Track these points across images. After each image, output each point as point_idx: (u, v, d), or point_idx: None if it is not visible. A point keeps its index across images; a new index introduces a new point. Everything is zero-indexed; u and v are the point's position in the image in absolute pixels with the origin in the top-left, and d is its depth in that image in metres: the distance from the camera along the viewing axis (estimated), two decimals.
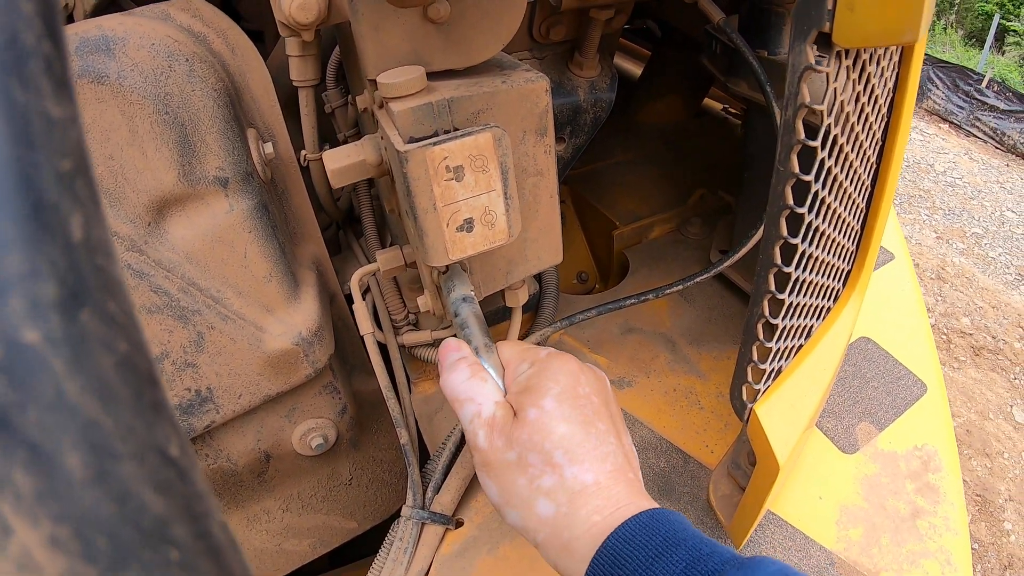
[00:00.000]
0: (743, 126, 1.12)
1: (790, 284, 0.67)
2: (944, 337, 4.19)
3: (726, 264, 0.94)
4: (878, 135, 0.73)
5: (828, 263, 0.77)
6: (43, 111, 0.14)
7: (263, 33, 1.84)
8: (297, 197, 0.93)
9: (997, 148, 7.45)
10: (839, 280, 0.86)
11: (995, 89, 7.87)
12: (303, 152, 0.93)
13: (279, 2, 0.70)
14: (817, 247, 0.70)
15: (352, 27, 0.72)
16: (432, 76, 0.71)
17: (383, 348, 0.96)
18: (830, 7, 0.50)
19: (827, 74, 0.54)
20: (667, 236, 1.37)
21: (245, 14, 1.82)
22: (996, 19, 9.56)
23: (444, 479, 0.88)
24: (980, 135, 7.59)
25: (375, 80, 0.73)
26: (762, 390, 0.77)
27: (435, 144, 0.61)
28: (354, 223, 1.20)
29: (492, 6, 0.69)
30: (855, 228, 0.83)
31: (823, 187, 0.63)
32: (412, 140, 0.63)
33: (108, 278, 0.15)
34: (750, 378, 0.75)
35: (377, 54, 0.71)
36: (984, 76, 8.01)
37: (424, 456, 0.93)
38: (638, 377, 1.07)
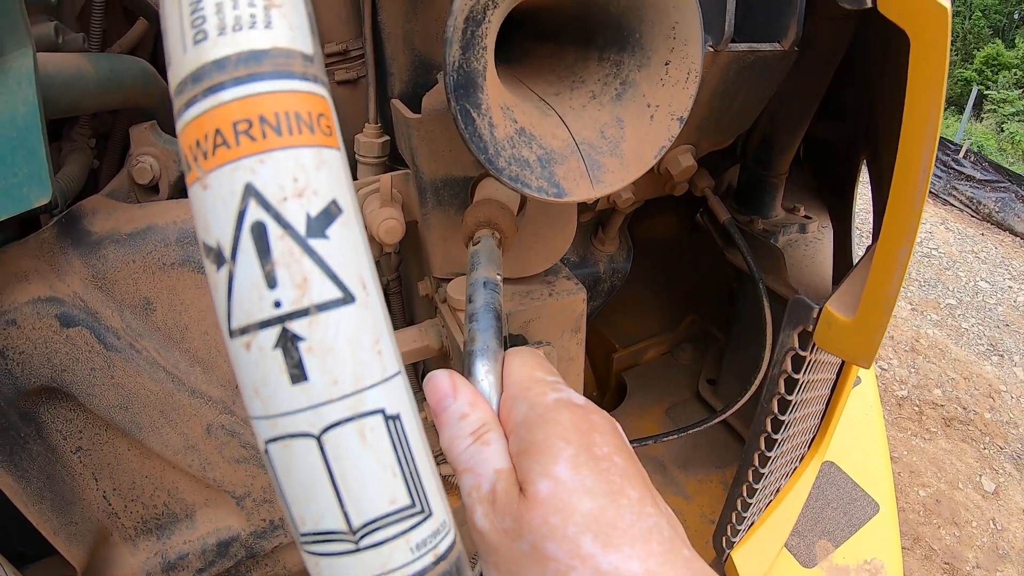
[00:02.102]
0: (735, 286, 1.31)
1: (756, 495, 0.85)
2: (916, 409, 4.36)
3: (719, 419, 1.11)
4: (831, 379, 0.93)
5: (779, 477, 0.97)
6: None
7: None
8: None
9: (973, 217, 7.72)
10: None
11: (972, 159, 8.19)
12: None
13: (368, 223, 0.87)
14: (776, 468, 0.89)
15: (421, 232, 0.89)
16: None
17: None
18: (815, 316, 0.68)
19: (806, 357, 0.72)
20: (660, 359, 1.55)
21: None
22: (975, 91, 9.93)
23: None
24: (956, 204, 7.88)
25: (438, 278, 0.90)
26: (738, 540, 0.94)
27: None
28: None
29: (547, 231, 0.85)
30: (807, 440, 1.03)
31: (790, 415, 0.81)
32: None
33: None
34: (728, 533, 0.93)
35: (443, 259, 0.88)
36: (961, 147, 8.34)
37: None
38: None
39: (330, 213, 0.28)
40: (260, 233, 0.27)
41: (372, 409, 0.29)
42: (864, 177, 1.37)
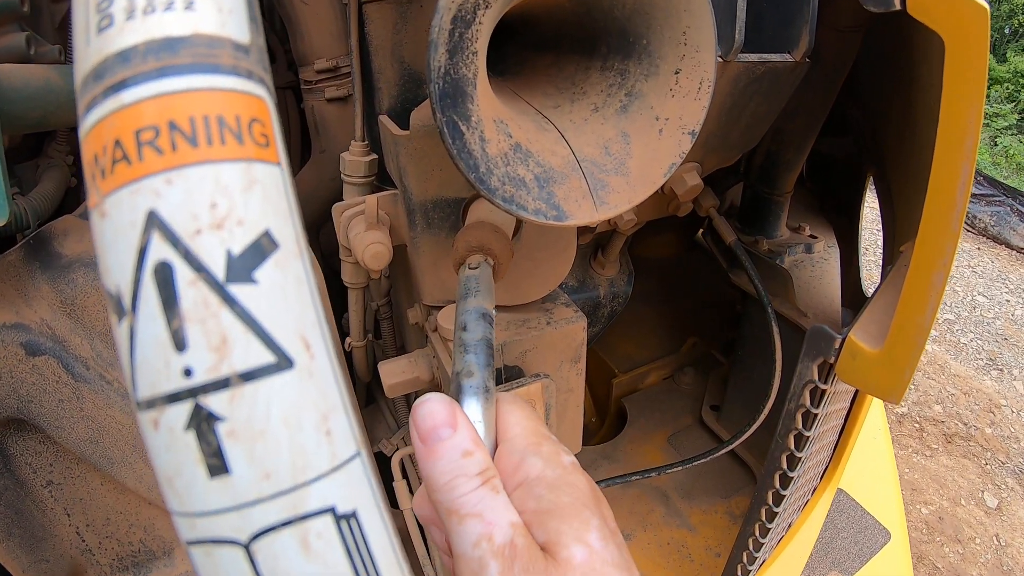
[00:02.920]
0: (740, 309, 1.26)
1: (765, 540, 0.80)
2: (917, 426, 4.32)
3: (726, 450, 1.06)
4: (845, 407, 0.88)
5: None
6: None
7: None
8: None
9: (968, 231, 7.70)
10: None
11: None
12: (348, 340, 1.04)
13: (353, 247, 0.82)
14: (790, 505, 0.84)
15: (410, 256, 0.84)
16: None
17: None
18: (837, 347, 0.62)
19: (827, 390, 0.66)
20: (661, 384, 1.49)
21: None
22: None
23: None
24: None
25: (429, 305, 0.85)
26: None
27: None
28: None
29: (543, 257, 0.80)
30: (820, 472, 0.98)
31: (807, 451, 0.76)
32: None
33: None
34: (739, 574, 0.87)
35: (434, 285, 0.83)
36: None
37: None
38: (636, 531, 1.18)
39: (261, 249, 0.22)
40: (165, 277, 0.21)
41: (318, 509, 0.23)
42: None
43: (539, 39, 0.66)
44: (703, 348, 1.56)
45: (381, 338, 1.23)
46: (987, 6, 0.48)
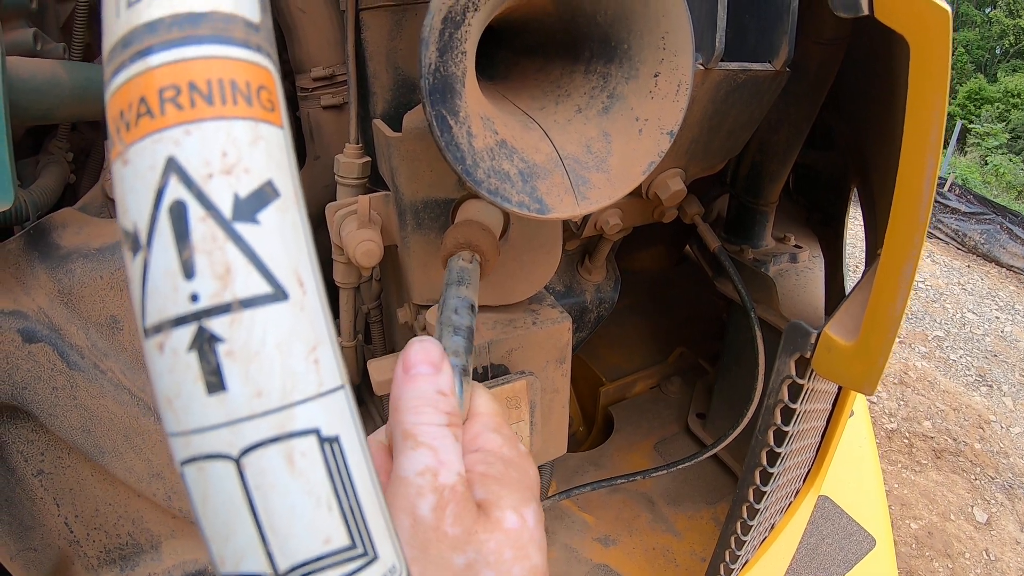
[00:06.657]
0: (725, 317, 1.28)
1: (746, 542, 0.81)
2: (906, 441, 4.33)
3: (710, 453, 1.07)
4: (827, 409, 0.90)
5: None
6: None
7: None
8: None
9: (959, 249, 7.78)
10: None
11: (956, 192, 8.28)
12: (338, 340, 1.06)
13: (345, 245, 0.83)
14: (771, 504, 0.86)
15: (400, 256, 0.86)
16: None
17: None
18: (813, 341, 0.64)
19: (804, 385, 0.68)
20: (648, 393, 1.51)
21: None
22: (959, 125, 10.08)
23: None
24: (942, 237, 7.94)
25: (418, 304, 0.86)
26: None
27: None
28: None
29: (530, 257, 0.82)
30: (802, 474, 0.99)
31: (787, 448, 0.78)
32: None
33: None
34: (722, 573, 0.88)
35: (423, 285, 0.84)
36: (946, 180, 8.43)
37: None
38: (622, 536, 1.19)
39: (264, 195, 0.25)
40: (179, 214, 0.23)
41: (303, 429, 0.25)
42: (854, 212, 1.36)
43: (528, 45, 0.69)
44: (690, 358, 1.58)
45: (371, 342, 1.25)
46: (948, 9, 0.51)
